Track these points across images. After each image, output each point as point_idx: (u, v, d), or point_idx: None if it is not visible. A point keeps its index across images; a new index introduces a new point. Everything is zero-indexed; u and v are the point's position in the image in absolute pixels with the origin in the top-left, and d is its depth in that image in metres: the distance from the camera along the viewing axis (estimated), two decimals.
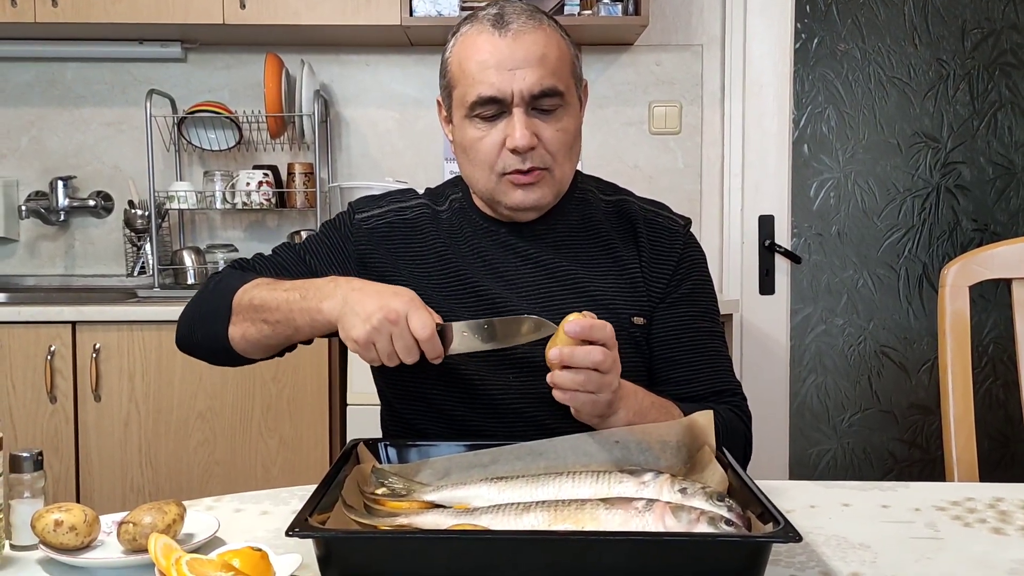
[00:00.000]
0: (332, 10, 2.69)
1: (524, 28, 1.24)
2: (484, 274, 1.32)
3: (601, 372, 1.08)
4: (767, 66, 2.98)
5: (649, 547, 0.86)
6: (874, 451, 3.17)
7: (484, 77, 1.23)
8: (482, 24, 1.26)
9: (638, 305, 1.33)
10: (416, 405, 1.33)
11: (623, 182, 1.51)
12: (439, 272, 1.33)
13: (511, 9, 1.26)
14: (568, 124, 1.28)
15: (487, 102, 1.24)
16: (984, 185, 3.12)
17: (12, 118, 3.02)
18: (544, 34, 1.25)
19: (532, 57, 1.23)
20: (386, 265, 1.35)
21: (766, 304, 3.03)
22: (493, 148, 1.26)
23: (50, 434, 2.41)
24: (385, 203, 1.41)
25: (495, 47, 1.23)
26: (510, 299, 1.30)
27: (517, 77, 1.22)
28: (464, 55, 1.26)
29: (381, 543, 0.88)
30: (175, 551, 0.88)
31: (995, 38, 3.08)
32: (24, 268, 3.04)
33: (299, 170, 2.91)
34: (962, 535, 1.07)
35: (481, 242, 1.35)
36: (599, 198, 1.41)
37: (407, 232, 1.37)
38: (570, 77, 1.28)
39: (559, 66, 1.25)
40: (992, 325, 3.13)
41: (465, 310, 1.30)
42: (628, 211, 1.39)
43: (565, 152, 1.28)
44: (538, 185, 1.28)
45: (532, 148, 1.24)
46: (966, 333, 1.53)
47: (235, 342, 1.29)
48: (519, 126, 1.23)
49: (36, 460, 1.04)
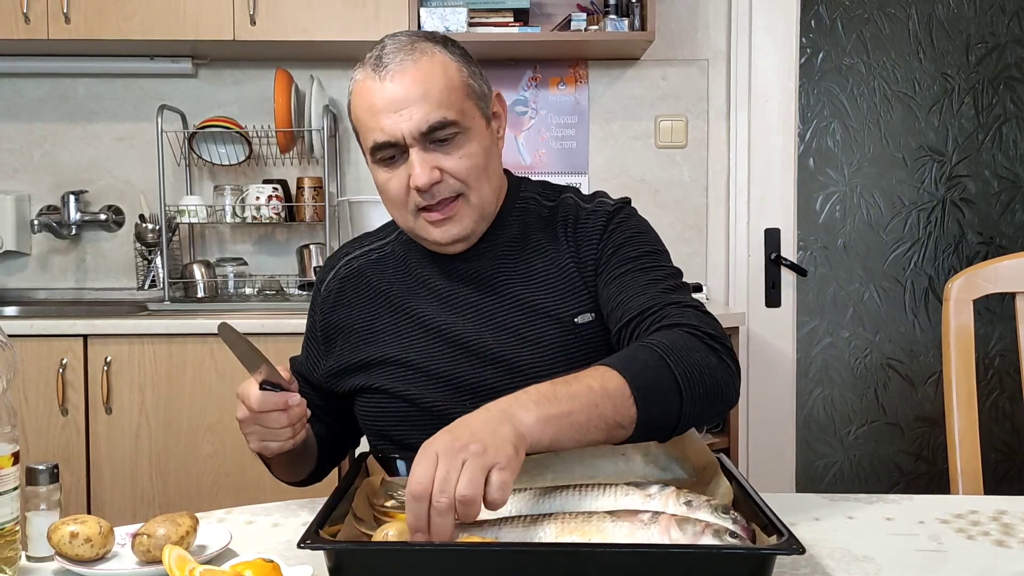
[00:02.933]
0: (341, 26, 2.71)
1: (402, 67, 1.22)
2: (430, 303, 1.32)
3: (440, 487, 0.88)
4: (772, 80, 3.00)
5: (655, 559, 0.87)
6: (880, 463, 3.17)
7: (375, 123, 1.23)
8: (366, 70, 1.25)
9: (579, 303, 1.29)
10: (385, 442, 1.34)
11: (629, 195, 1.51)
12: (388, 311, 1.34)
13: (391, 47, 1.25)
14: (473, 148, 1.25)
15: (383, 147, 1.24)
16: (989, 198, 3.13)
17: (25, 133, 3.05)
18: (423, 66, 1.23)
19: (413, 95, 1.21)
20: (345, 322, 1.37)
21: (772, 317, 3.04)
22: (401, 189, 1.25)
23: (62, 446, 2.43)
24: (336, 260, 1.44)
25: (379, 92, 1.22)
26: (456, 324, 1.30)
27: (403, 118, 1.21)
28: (356, 103, 1.26)
29: (391, 555, 0.90)
30: (188, 562, 0.90)
31: (999, 52, 3.10)
32: (36, 282, 3.06)
33: (308, 184, 2.94)
34: (965, 548, 1.07)
35: (425, 271, 1.35)
36: (541, 204, 1.37)
37: (355, 282, 1.39)
38: (464, 100, 1.25)
39: (445, 95, 1.23)
40: (998, 338, 3.13)
41: (417, 343, 1.30)
42: (562, 210, 1.35)
43: (477, 175, 1.26)
44: (455, 218, 1.26)
45: (436, 183, 1.23)
46: (970, 346, 1.54)
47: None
48: (417, 165, 1.22)
49: (52, 473, 1.06)
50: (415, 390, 1.29)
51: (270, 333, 2.39)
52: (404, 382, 1.30)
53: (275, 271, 3.02)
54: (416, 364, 1.29)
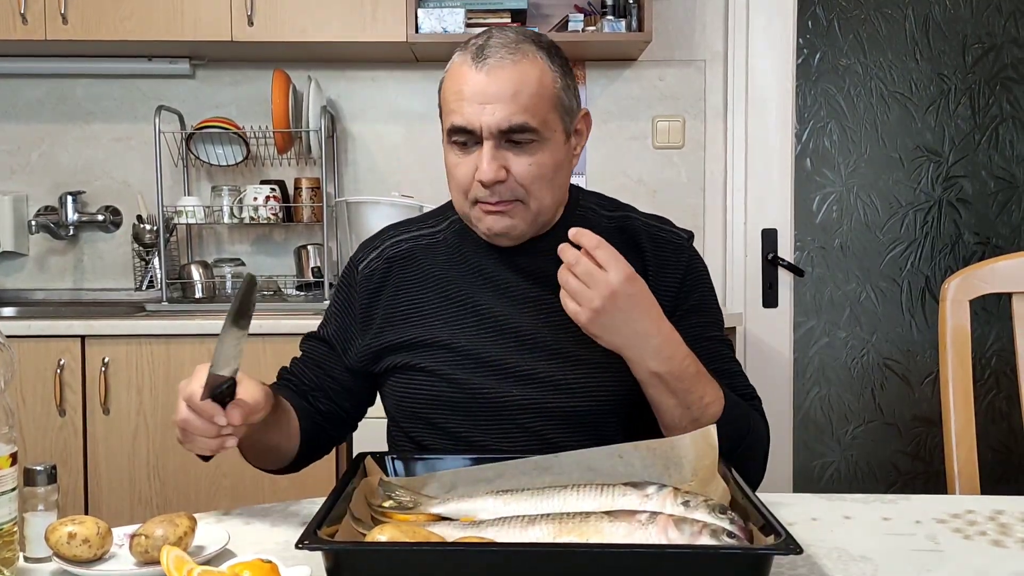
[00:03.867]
0: (339, 27, 2.71)
1: (501, 63, 1.24)
2: (485, 291, 1.34)
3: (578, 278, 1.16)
4: (770, 81, 3.00)
5: (652, 559, 0.87)
6: (878, 463, 3.18)
7: (458, 108, 1.25)
8: (465, 55, 1.28)
9: None
10: (419, 424, 1.35)
11: (627, 196, 1.53)
12: (438, 296, 1.36)
13: (496, 40, 1.27)
14: (544, 158, 1.27)
15: (459, 131, 1.27)
16: (986, 199, 3.13)
17: (22, 134, 3.05)
18: (521, 69, 1.25)
19: (504, 93, 1.23)
20: (391, 303, 1.38)
21: (769, 317, 3.05)
22: (466, 176, 1.28)
23: (59, 447, 2.43)
24: (379, 242, 1.44)
25: (472, 80, 1.25)
26: (512, 315, 1.32)
27: (487, 112, 1.24)
28: (448, 84, 1.29)
29: (389, 555, 0.90)
30: (187, 563, 0.90)
31: (996, 53, 3.10)
32: (33, 282, 3.06)
33: (306, 185, 2.94)
34: (962, 547, 1.08)
35: (481, 260, 1.37)
36: (601, 214, 1.42)
37: (404, 263, 1.40)
38: (550, 111, 1.27)
39: (534, 102, 1.25)
40: (995, 338, 3.14)
41: (467, 329, 1.32)
42: (631, 227, 1.40)
43: (540, 184, 1.28)
44: (508, 214, 1.29)
45: (500, 182, 1.26)
46: (967, 347, 1.55)
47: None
48: (486, 159, 1.25)
49: (50, 473, 1.06)
50: (462, 374, 1.31)
51: (268, 334, 2.39)
52: (451, 365, 1.31)
53: (273, 272, 3.02)
54: (466, 349, 1.32)
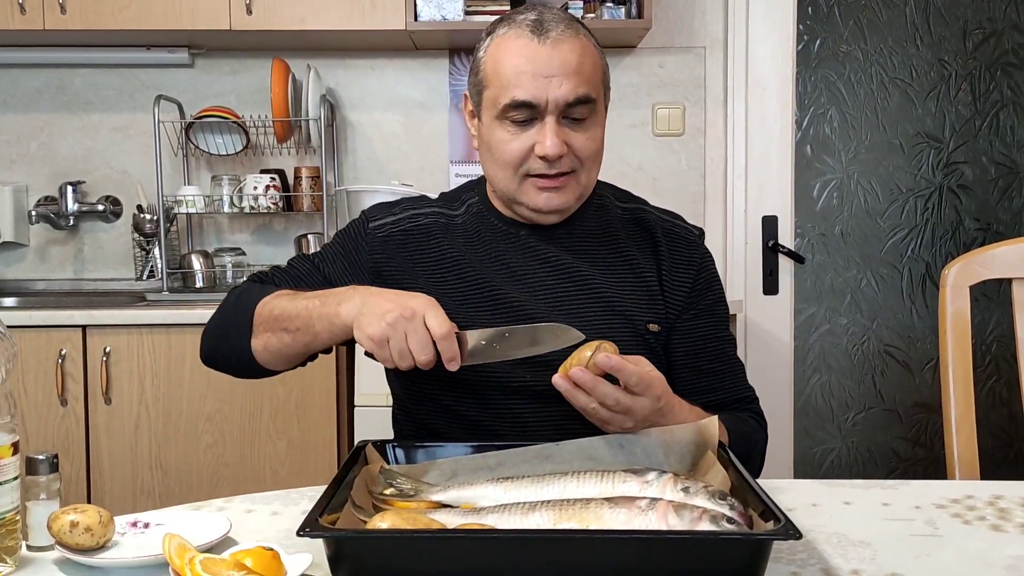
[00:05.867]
0: (337, 16, 2.71)
1: (563, 36, 1.25)
2: (501, 278, 1.34)
3: (611, 409, 1.11)
4: (770, 68, 2.99)
5: (652, 545, 0.87)
6: (878, 450, 3.18)
7: (519, 82, 1.24)
8: (520, 28, 1.26)
9: (654, 313, 1.34)
10: (428, 406, 1.35)
11: (627, 184, 1.53)
12: (455, 278, 1.34)
13: (550, 16, 1.27)
14: (596, 132, 1.30)
15: (520, 106, 1.25)
16: (986, 185, 3.13)
17: (22, 124, 3.04)
18: (581, 43, 1.27)
19: (569, 66, 1.24)
20: (401, 273, 1.36)
21: (770, 304, 3.05)
22: (521, 152, 1.27)
23: (61, 436, 2.43)
24: (399, 210, 1.42)
25: (533, 53, 1.24)
26: (528, 302, 1.32)
27: (553, 85, 1.24)
28: (500, 57, 1.27)
29: (390, 542, 0.90)
30: (188, 551, 0.90)
31: (996, 38, 3.09)
32: (34, 273, 3.06)
33: (306, 174, 2.93)
34: (961, 532, 1.08)
35: (499, 245, 1.36)
36: (616, 204, 1.43)
37: (421, 239, 1.38)
38: (601, 86, 1.30)
39: (593, 75, 1.27)
40: (995, 324, 3.14)
41: (482, 315, 1.31)
42: (645, 220, 1.41)
43: (593, 158, 1.31)
44: (563, 190, 1.30)
45: (561, 156, 1.26)
46: (967, 333, 1.55)
47: (258, 354, 1.31)
48: (550, 135, 1.25)
49: (52, 462, 1.06)
50: None
51: None
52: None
53: (273, 261, 3.02)
54: None
